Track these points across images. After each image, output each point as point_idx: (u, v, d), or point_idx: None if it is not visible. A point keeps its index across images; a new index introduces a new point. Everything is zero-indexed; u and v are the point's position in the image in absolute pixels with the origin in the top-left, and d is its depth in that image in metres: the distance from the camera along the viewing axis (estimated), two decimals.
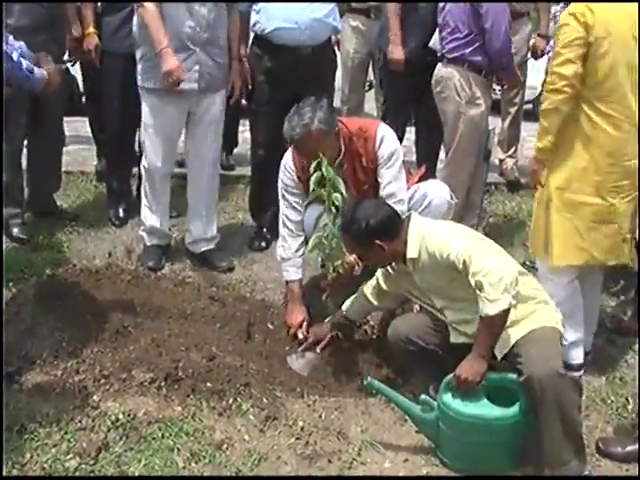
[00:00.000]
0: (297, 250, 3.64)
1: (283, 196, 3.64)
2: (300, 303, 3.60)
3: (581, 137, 3.10)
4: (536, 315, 2.82)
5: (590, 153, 3.09)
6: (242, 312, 3.73)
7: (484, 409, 2.71)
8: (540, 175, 3.21)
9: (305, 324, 3.52)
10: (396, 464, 2.78)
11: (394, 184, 3.53)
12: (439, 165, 4.96)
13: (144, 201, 4.22)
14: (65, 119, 4.81)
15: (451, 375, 2.75)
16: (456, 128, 4.36)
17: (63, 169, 4.96)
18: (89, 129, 5.36)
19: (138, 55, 3.98)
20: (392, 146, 3.54)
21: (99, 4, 4.59)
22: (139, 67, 3.99)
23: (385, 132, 3.55)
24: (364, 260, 3.15)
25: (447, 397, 2.74)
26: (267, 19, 4.10)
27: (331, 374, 3.29)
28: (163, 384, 3.12)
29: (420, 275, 2.95)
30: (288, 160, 3.61)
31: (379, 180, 3.55)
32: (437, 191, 3.69)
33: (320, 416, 3.03)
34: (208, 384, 3.13)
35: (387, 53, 4.72)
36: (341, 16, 4.74)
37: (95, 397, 3.04)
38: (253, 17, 4.17)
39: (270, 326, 3.65)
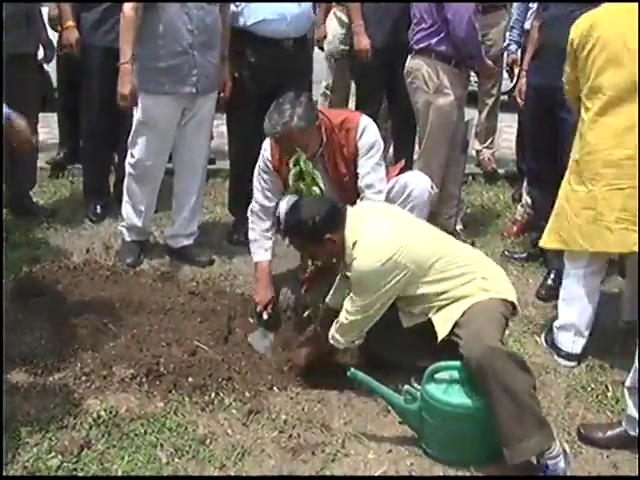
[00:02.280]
0: (265, 232, 3.69)
1: (257, 181, 3.67)
2: (268, 282, 3.64)
3: (578, 133, 3.30)
4: (475, 291, 2.90)
5: (579, 146, 3.28)
6: (222, 306, 3.72)
7: (467, 398, 2.72)
8: None
9: (272, 303, 3.58)
10: (380, 455, 2.78)
11: (373, 175, 3.53)
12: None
13: (126, 198, 4.17)
14: (40, 115, 4.76)
15: (434, 365, 2.77)
16: (426, 118, 4.39)
17: (38, 165, 4.92)
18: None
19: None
20: (373, 137, 3.54)
21: None
22: (134, 68, 3.87)
23: (367, 123, 3.55)
24: (317, 258, 3.25)
25: (430, 387, 2.75)
26: (251, 12, 4.09)
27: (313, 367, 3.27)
28: (144, 380, 3.10)
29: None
30: (266, 150, 3.61)
31: (358, 171, 3.54)
32: (417, 181, 3.70)
33: (303, 409, 3.02)
34: (190, 379, 3.12)
35: (353, 44, 4.75)
36: None
37: (76, 395, 3.01)
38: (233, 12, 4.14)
39: (251, 320, 3.63)
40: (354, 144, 3.52)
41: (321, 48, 5.65)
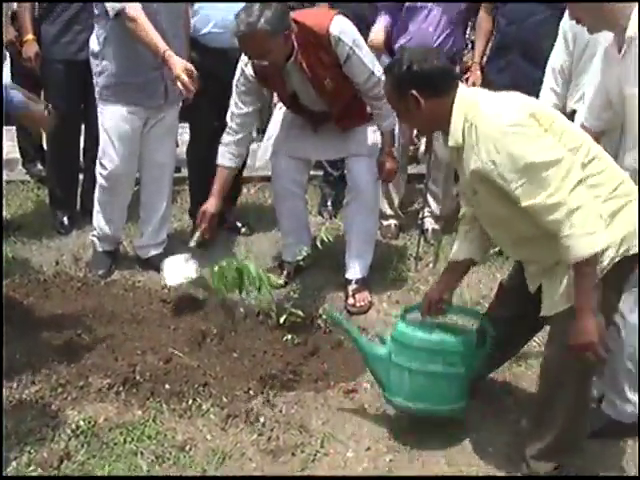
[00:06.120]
0: (237, 142, 3.69)
1: (235, 86, 3.65)
2: (220, 191, 3.65)
3: None
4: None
5: None
6: (195, 313, 3.73)
7: (437, 335, 2.78)
8: None
9: (209, 214, 3.61)
10: (359, 453, 2.83)
11: (371, 77, 3.50)
12: None
13: (97, 208, 4.15)
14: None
15: (410, 305, 2.92)
16: None
17: (4, 178, 4.88)
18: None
19: (98, 69, 3.86)
20: (349, 41, 3.43)
21: (36, 9, 4.49)
22: (99, 80, 3.88)
23: (339, 30, 3.41)
24: (399, 114, 2.71)
25: (402, 325, 2.83)
26: (201, 22, 4.13)
27: (288, 370, 3.30)
28: (121, 389, 3.11)
29: (462, 172, 2.56)
30: (247, 65, 3.56)
31: (352, 79, 3.52)
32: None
33: (280, 411, 3.06)
34: (167, 386, 3.14)
35: None
36: None
37: (53, 406, 3.01)
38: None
39: (224, 325, 3.65)
40: (331, 52, 3.45)
41: None
